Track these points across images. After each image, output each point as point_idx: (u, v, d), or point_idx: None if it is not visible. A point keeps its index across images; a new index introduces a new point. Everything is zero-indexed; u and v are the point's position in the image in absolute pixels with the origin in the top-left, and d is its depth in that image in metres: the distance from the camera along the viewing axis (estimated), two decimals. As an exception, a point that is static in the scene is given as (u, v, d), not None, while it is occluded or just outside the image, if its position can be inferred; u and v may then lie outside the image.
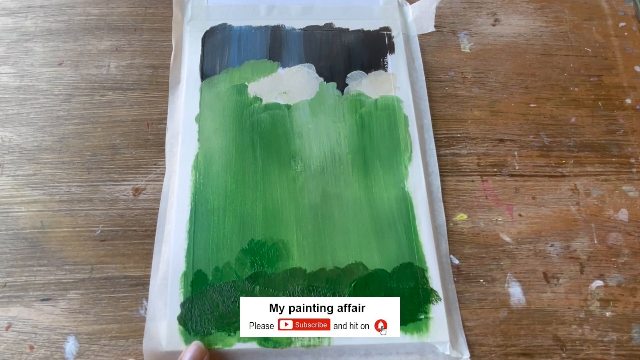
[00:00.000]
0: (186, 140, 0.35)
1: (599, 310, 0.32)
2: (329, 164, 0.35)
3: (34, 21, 0.41)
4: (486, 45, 0.42)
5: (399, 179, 0.35)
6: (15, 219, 0.33)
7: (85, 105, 0.38)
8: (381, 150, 0.36)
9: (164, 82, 0.39)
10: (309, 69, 0.39)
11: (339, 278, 0.32)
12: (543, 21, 0.44)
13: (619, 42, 0.43)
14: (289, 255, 0.32)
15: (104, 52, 0.40)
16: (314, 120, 0.37)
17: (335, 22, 0.41)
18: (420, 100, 0.39)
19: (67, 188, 0.35)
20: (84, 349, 0.30)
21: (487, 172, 0.37)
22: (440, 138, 0.38)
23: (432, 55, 0.42)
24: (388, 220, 0.33)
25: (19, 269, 0.32)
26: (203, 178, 0.34)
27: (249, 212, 0.33)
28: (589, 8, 0.45)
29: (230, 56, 0.39)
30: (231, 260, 0.32)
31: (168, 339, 0.29)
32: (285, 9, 0.42)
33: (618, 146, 0.38)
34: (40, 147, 0.36)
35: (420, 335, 0.30)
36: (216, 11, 0.41)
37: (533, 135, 0.38)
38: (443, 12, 0.44)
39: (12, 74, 0.39)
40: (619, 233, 0.35)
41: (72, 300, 0.31)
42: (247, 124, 0.36)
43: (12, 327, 0.30)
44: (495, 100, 0.40)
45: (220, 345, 0.29)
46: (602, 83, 0.41)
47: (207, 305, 0.30)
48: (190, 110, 0.37)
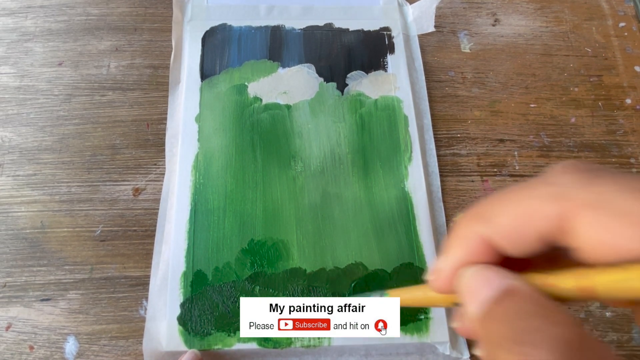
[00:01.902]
0: (186, 140, 0.35)
1: (599, 310, 0.32)
2: (329, 164, 0.35)
3: (34, 21, 0.41)
4: (486, 46, 0.42)
5: (399, 179, 0.35)
6: (15, 219, 0.33)
7: (85, 105, 0.38)
8: (381, 150, 0.36)
9: (164, 82, 0.39)
10: (309, 69, 0.39)
11: (339, 278, 0.32)
12: (543, 21, 0.44)
13: (619, 42, 0.43)
14: (289, 255, 0.32)
15: (104, 52, 0.40)
16: (314, 120, 0.37)
17: (335, 22, 0.41)
18: (420, 100, 0.39)
19: (67, 188, 0.35)
20: (84, 349, 0.30)
21: (487, 172, 0.37)
22: (440, 138, 0.38)
23: (432, 55, 0.42)
24: (388, 220, 0.33)
25: (19, 269, 0.32)
26: (203, 178, 0.34)
27: (249, 212, 0.33)
28: (589, 8, 0.45)
29: (230, 56, 0.39)
30: (231, 260, 0.32)
31: (168, 339, 0.29)
32: (285, 9, 0.42)
33: (618, 146, 0.38)
34: (40, 147, 0.36)
35: (420, 336, 0.30)
36: (216, 11, 0.41)
37: (533, 135, 0.38)
38: (443, 12, 0.44)
39: (12, 74, 0.39)
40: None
41: (72, 300, 0.31)
42: (247, 124, 0.36)
43: (12, 327, 0.30)
44: (495, 101, 0.40)
45: (220, 346, 0.29)
46: (602, 83, 0.41)
47: (207, 305, 0.30)
48: (190, 110, 0.37)
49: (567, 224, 0.14)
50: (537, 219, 0.15)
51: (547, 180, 0.15)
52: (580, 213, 0.14)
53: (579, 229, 0.14)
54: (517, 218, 0.15)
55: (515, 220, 0.15)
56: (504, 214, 0.16)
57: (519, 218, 0.15)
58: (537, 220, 0.15)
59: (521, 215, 0.15)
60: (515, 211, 0.15)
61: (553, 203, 0.15)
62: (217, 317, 0.30)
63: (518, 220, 0.15)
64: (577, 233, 0.14)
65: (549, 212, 0.15)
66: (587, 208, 0.14)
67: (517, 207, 0.16)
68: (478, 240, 0.16)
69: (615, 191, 0.14)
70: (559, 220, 0.14)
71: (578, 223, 0.14)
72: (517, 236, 0.16)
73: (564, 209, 0.14)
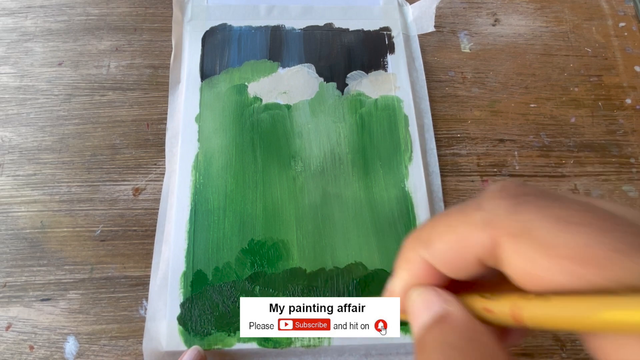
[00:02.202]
0: (186, 140, 0.35)
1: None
2: (329, 164, 0.35)
3: (34, 21, 0.41)
4: (486, 46, 0.42)
5: (399, 179, 0.35)
6: (15, 219, 0.33)
7: (85, 105, 0.38)
8: (381, 150, 0.36)
9: (164, 82, 0.39)
10: (309, 69, 0.39)
11: (338, 278, 0.32)
12: (543, 21, 0.44)
13: (619, 42, 0.43)
14: (289, 255, 0.32)
15: (104, 52, 0.40)
16: (314, 120, 0.37)
17: (335, 22, 0.41)
18: (420, 100, 0.39)
19: (67, 188, 0.35)
20: (84, 349, 0.30)
21: (487, 172, 0.37)
22: (441, 138, 0.38)
23: (432, 55, 0.42)
24: (388, 220, 0.33)
25: (19, 269, 0.32)
26: (203, 178, 0.34)
27: (249, 212, 0.33)
28: (589, 8, 0.45)
29: (230, 56, 0.39)
30: (231, 260, 0.32)
31: (168, 339, 0.29)
32: (285, 9, 0.42)
33: (618, 146, 0.38)
34: (40, 147, 0.36)
35: (420, 335, 0.30)
36: (216, 11, 0.41)
37: (533, 135, 0.38)
38: (443, 12, 0.44)
39: (12, 74, 0.39)
40: (619, 233, 0.35)
41: (72, 300, 0.31)
42: (247, 124, 0.36)
43: (12, 327, 0.30)
44: (495, 100, 0.40)
45: (220, 346, 0.29)
46: (602, 83, 0.41)
47: (207, 305, 0.30)
48: (190, 110, 0.37)
49: (497, 251, 0.14)
50: (470, 245, 0.15)
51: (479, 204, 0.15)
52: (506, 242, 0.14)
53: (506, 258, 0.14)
54: (452, 244, 0.15)
55: (450, 246, 0.15)
56: (440, 239, 0.16)
57: (453, 244, 0.15)
58: (470, 247, 0.15)
59: (455, 241, 0.15)
60: (450, 237, 0.16)
61: (482, 230, 0.14)
62: (217, 317, 0.30)
63: (452, 246, 0.15)
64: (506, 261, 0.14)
65: (479, 239, 0.14)
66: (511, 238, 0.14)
67: (451, 233, 0.15)
68: (422, 263, 0.16)
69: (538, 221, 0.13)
70: (489, 248, 0.14)
71: (505, 252, 0.14)
72: (453, 261, 0.16)
73: (492, 236, 0.14)
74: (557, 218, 0.13)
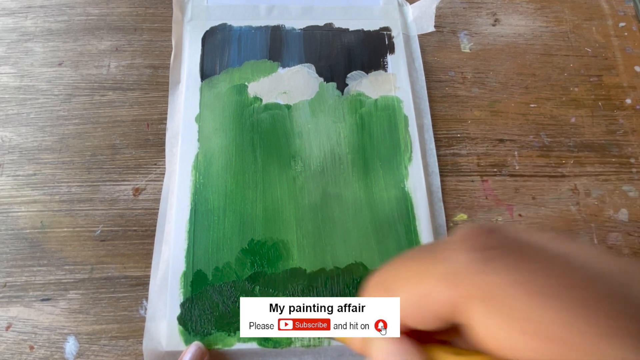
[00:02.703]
0: (186, 140, 0.35)
1: None
2: (329, 164, 0.35)
3: (34, 21, 0.41)
4: (486, 46, 0.42)
5: (399, 179, 0.35)
6: (15, 219, 0.33)
7: (85, 105, 0.38)
8: (381, 150, 0.36)
9: (164, 82, 0.39)
10: (309, 69, 0.39)
11: (339, 278, 0.32)
12: (543, 21, 0.44)
13: (619, 42, 0.43)
14: (289, 255, 0.32)
15: (104, 52, 0.40)
16: (314, 120, 0.37)
17: (335, 22, 0.41)
18: (420, 100, 0.39)
19: (67, 188, 0.35)
20: (84, 349, 0.30)
21: (487, 172, 0.37)
22: (440, 138, 0.38)
23: (432, 55, 0.42)
24: (388, 220, 0.33)
25: (19, 269, 0.32)
26: (203, 178, 0.34)
27: (249, 212, 0.33)
28: (589, 8, 0.45)
29: (230, 56, 0.39)
30: (231, 260, 0.32)
31: (168, 339, 0.29)
32: (285, 9, 0.42)
33: (618, 146, 0.38)
34: (40, 147, 0.36)
35: (420, 335, 0.30)
36: (216, 11, 0.41)
37: (533, 135, 0.38)
38: (443, 12, 0.44)
39: (12, 74, 0.39)
40: (619, 233, 0.35)
41: (72, 300, 0.31)
42: (247, 124, 0.36)
43: (12, 327, 0.30)
44: (495, 100, 0.40)
45: (220, 346, 0.29)
46: (602, 83, 0.41)
47: (207, 305, 0.30)
48: (190, 110, 0.37)
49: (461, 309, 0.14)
50: (432, 302, 0.14)
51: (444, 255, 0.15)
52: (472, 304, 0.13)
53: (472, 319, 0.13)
54: (414, 297, 0.15)
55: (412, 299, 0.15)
56: (403, 290, 0.15)
57: (415, 298, 0.15)
58: (432, 304, 0.14)
59: (417, 295, 0.15)
60: (412, 290, 0.15)
61: (446, 287, 0.14)
62: (217, 317, 0.30)
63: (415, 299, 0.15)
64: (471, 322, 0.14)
65: (442, 296, 0.14)
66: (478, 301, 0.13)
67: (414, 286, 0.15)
68: None
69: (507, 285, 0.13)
70: (452, 305, 0.14)
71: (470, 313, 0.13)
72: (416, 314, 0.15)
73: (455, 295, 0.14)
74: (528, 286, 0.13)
